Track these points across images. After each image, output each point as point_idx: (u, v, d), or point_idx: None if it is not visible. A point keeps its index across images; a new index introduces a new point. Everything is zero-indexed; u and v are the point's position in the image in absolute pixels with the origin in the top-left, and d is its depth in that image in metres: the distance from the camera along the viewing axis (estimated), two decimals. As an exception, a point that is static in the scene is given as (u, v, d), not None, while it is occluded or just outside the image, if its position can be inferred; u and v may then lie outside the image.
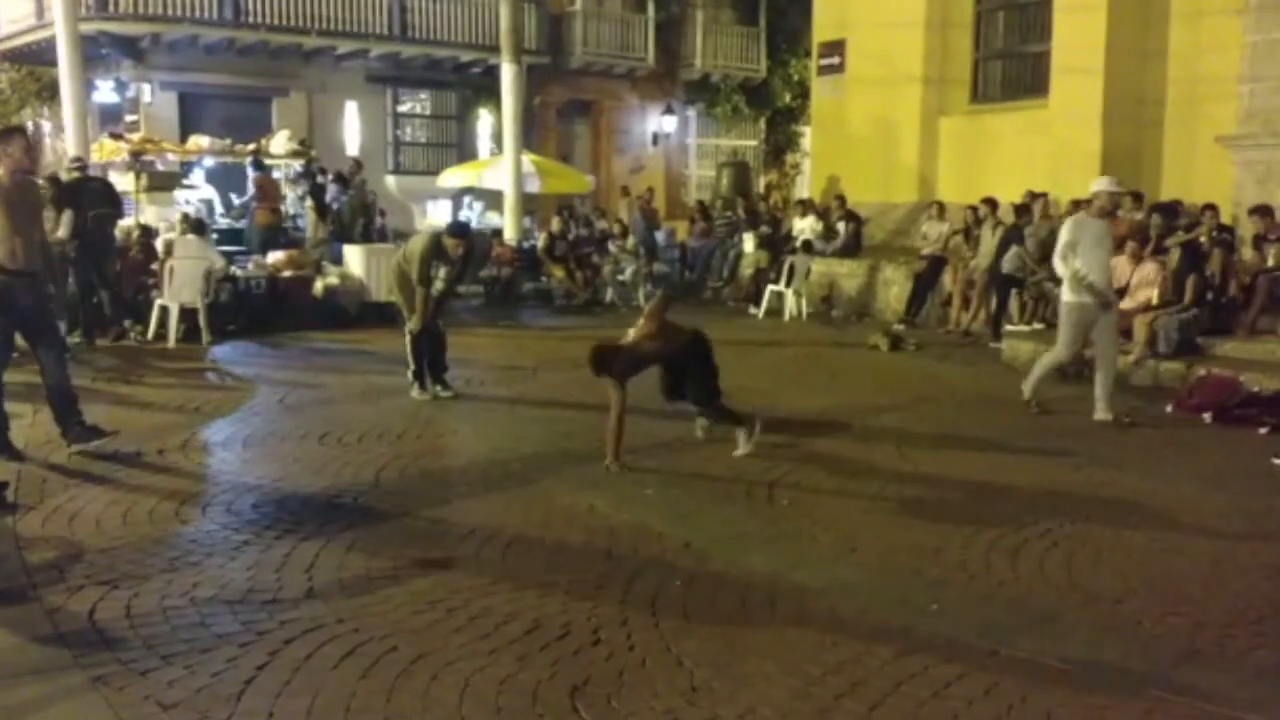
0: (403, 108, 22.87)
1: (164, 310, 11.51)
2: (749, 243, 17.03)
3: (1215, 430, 8.16)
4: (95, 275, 11.34)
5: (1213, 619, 4.42)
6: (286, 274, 13.06)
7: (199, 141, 16.81)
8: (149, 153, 15.97)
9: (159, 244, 12.60)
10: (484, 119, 22.86)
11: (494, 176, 18.74)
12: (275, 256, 13.49)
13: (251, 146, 16.54)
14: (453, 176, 20.30)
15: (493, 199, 19.59)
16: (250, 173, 15.89)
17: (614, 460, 6.56)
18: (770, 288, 14.93)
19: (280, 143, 17.10)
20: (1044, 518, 5.72)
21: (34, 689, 3.66)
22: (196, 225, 12.48)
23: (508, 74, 17.42)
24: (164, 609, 4.33)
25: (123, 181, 14.80)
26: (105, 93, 19.12)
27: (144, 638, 4.06)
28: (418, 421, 7.97)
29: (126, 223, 13.32)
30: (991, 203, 13.19)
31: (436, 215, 19.28)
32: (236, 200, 16.83)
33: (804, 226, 16.44)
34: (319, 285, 13.10)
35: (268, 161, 16.52)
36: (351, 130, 21.67)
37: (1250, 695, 3.74)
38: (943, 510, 5.92)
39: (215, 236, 13.65)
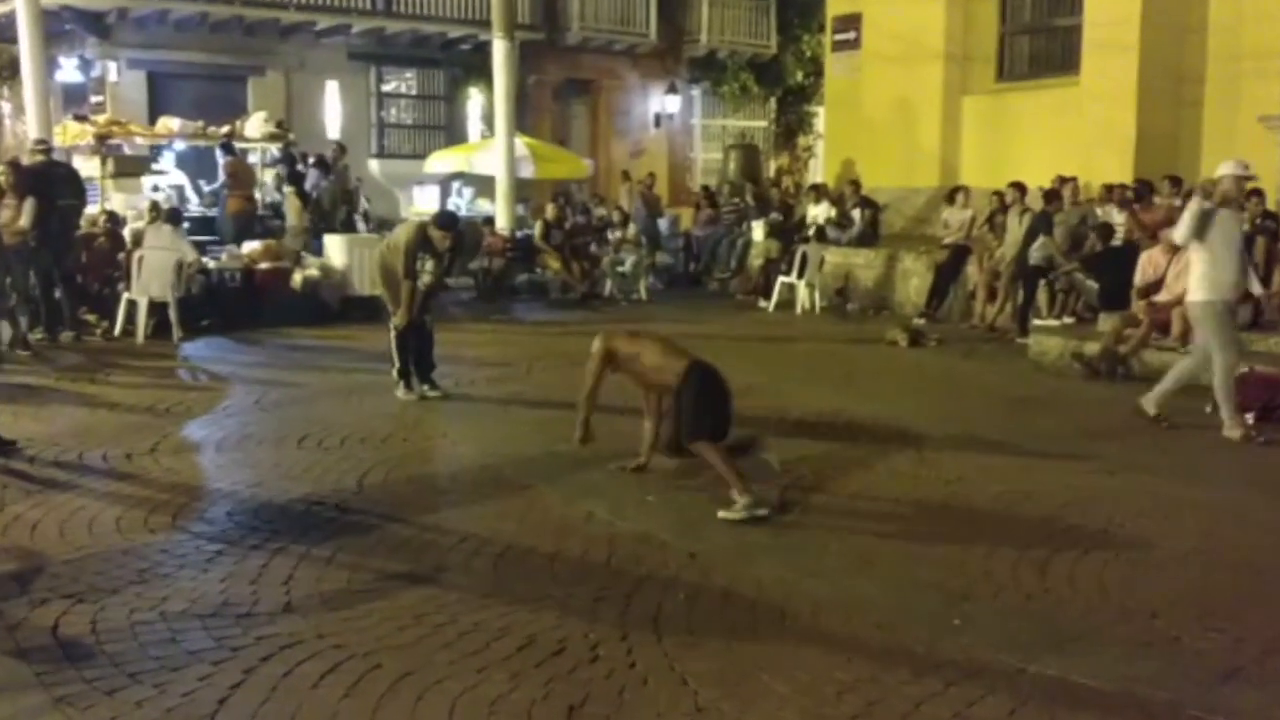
0: (387, 87, 22.86)
1: (132, 304, 11.52)
2: (758, 231, 17.05)
3: (1258, 430, 8.15)
4: (55, 269, 11.32)
5: (1255, 635, 4.42)
6: (263, 266, 13.06)
7: (169, 124, 16.79)
8: (115, 136, 15.95)
9: (126, 233, 12.60)
10: (474, 99, 22.87)
11: (485, 161, 18.74)
12: (251, 247, 13.49)
13: (225, 129, 16.51)
14: (441, 161, 20.31)
15: (484, 185, 19.59)
16: (220, 158, 15.87)
17: (584, 434, 6.52)
18: (781, 279, 14.93)
19: (256, 125, 17.07)
20: (1075, 526, 5.72)
21: (-7, 710, 3.68)
22: (171, 214, 12.46)
23: (499, 51, 17.41)
24: (132, 624, 4.34)
25: (88, 166, 14.81)
26: (69, 71, 19.13)
27: (111, 655, 4.06)
28: (404, 423, 7.98)
29: (92, 210, 13.31)
30: (1019, 187, 13.17)
31: (423, 202, 19.30)
32: (207, 187, 16.83)
33: (817, 213, 16.46)
34: (298, 278, 13.11)
35: (243, 145, 16.50)
36: (332, 111, 21.66)
37: (1295, 716, 3.75)
38: (966, 518, 5.93)
39: (187, 225, 13.63)
